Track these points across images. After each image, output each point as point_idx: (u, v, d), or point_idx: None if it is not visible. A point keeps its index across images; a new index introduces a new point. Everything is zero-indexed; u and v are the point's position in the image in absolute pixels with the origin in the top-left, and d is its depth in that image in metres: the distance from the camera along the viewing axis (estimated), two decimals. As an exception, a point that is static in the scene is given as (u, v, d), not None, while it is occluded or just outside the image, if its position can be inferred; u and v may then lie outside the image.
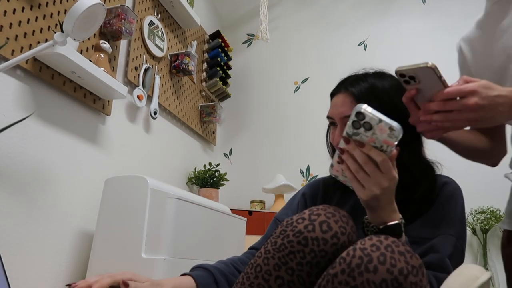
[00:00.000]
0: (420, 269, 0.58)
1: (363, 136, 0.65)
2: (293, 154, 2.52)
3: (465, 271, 0.68)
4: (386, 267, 0.55)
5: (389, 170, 0.64)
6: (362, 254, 0.57)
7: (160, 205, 1.27)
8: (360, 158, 0.65)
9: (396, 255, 0.57)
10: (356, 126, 0.65)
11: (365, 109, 0.63)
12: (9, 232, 1.18)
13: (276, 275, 0.64)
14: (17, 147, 1.23)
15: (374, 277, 0.55)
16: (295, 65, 2.73)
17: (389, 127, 0.62)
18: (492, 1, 0.95)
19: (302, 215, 0.67)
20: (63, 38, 1.09)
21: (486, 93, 0.69)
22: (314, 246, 0.63)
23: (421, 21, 2.51)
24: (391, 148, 0.64)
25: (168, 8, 2.12)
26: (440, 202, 0.79)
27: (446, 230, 0.75)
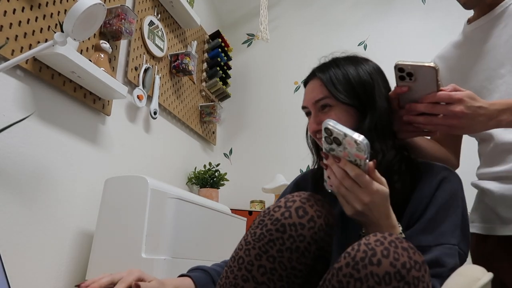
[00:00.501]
0: (423, 265, 0.58)
1: (338, 151, 0.66)
2: (293, 154, 2.52)
3: (466, 272, 0.67)
4: (389, 260, 0.56)
5: (367, 184, 0.64)
6: (366, 248, 0.58)
7: (160, 205, 1.27)
8: (338, 173, 0.66)
9: (399, 250, 0.58)
10: (329, 142, 0.66)
11: (330, 124, 0.64)
12: (9, 232, 1.18)
13: (258, 264, 0.65)
14: (17, 147, 1.23)
15: (377, 270, 0.56)
16: (295, 65, 2.73)
17: (354, 140, 0.62)
18: (473, 26, 1.01)
19: (278, 203, 0.69)
20: (63, 38, 1.09)
21: (471, 103, 0.74)
22: (292, 232, 0.65)
23: (421, 21, 2.51)
24: (364, 162, 0.63)
25: (168, 8, 2.12)
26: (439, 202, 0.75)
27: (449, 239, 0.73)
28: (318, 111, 0.83)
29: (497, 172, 0.94)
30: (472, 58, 1.00)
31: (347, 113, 0.79)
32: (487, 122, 0.76)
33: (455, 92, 0.74)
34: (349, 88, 0.79)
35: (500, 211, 0.92)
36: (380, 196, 0.65)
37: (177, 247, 1.27)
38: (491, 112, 0.75)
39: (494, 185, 0.94)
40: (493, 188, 0.93)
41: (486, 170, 0.98)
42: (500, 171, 0.93)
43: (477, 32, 1.00)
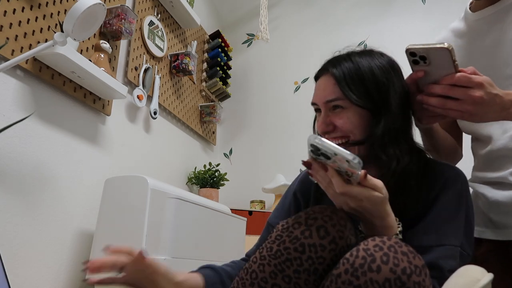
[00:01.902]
0: (423, 269, 0.57)
1: (327, 162, 0.62)
2: (293, 154, 2.52)
3: (466, 273, 0.67)
4: (389, 266, 0.55)
5: (356, 195, 0.62)
6: (365, 254, 0.57)
7: (160, 205, 1.27)
8: (325, 181, 0.64)
9: (399, 255, 0.56)
10: (316, 154, 0.62)
11: (317, 143, 0.59)
12: (9, 232, 1.18)
13: (272, 282, 0.63)
14: (17, 147, 1.23)
15: (377, 277, 0.55)
16: (295, 65, 2.73)
17: (346, 160, 0.58)
18: (477, 16, 0.93)
19: (298, 219, 0.65)
20: (63, 38, 1.09)
21: (489, 90, 0.69)
22: (311, 253, 0.62)
23: (421, 21, 2.51)
24: (356, 175, 0.60)
25: (168, 8, 2.12)
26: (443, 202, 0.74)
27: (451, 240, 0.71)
28: (329, 111, 0.78)
29: (491, 178, 0.91)
30: (474, 53, 0.92)
31: (359, 115, 0.75)
32: (500, 112, 0.71)
33: (475, 76, 0.68)
34: (363, 89, 0.75)
35: (492, 217, 0.90)
36: (370, 202, 0.63)
37: (177, 247, 1.27)
38: (505, 102, 0.71)
39: (488, 190, 0.91)
40: (487, 193, 0.91)
41: (481, 174, 0.95)
42: (494, 177, 0.90)
43: (481, 23, 0.91)
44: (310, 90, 0.80)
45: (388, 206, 0.66)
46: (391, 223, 0.67)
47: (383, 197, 0.63)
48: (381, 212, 0.65)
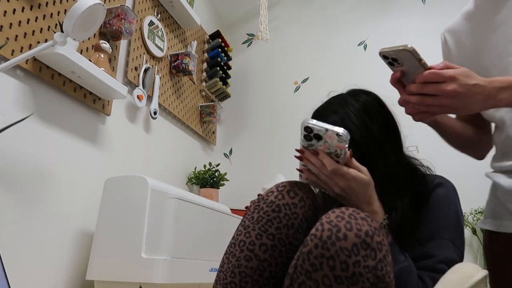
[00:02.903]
0: (381, 230, 0.63)
1: (318, 146, 0.72)
2: (293, 154, 2.52)
3: (459, 269, 0.68)
4: (354, 232, 0.60)
5: (344, 174, 0.72)
6: (330, 226, 0.61)
7: (160, 205, 1.27)
8: (317, 164, 0.73)
9: (359, 221, 0.62)
10: (308, 139, 0.72)
11: (310, 122, 0.69)
12: (9, 232, 1.18)
13: (259, 243, 0.71)
14: (17, 147, 1.23)
15: (345, 244, 0.59)
16: (295, 65, 2.73)
17: (336, 133, 0.68)
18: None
19: (270, 190, 0.77)
20: (63, 38, 1.09)
21: (465, 81, 0.69)
22: (287, 211, 0.72)
23: (421, 21, 2.51)
24: (344, 151, 0.70)
25: (168, 8, 2.12)
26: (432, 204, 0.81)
27: (440, 234, 0.77)
28: None
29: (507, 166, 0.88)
30: (483, 32, 0.91)
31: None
32: (484, 101, 0.71)
33: (446, 70, 0.70)
34: (355, 147, 0.80)
35: (510, 207, 0.86)
36: (356, 183, 0.72)
37: (177, 247, 1.27)
38: (489, 91, 0.71)
39: (504, 179, 0.88)
40: (503, 182, 0.88)
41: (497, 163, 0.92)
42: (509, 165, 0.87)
43: (488, 1, 0.90)
44: (310, 90, 0.81)
45: (374, 192, 0.75)
46: (377, 209, 0.75)
47: (368, 179, 0.73)
48: (366, 196, 0.74)
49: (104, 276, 1.25)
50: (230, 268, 0.71)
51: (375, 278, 0.59)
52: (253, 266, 0.70)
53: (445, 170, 0.92)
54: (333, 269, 0.59)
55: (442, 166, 0.95)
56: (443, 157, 2.37)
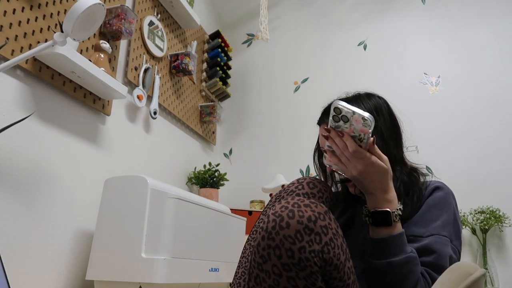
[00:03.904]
0: (326, 214, 0.65)
1: (344, 128, 0.74)
2: (293, 154, 2.52)
3: (458, 267, 0.68)
4: (296, 219, 0.61)
5: (363, 157, 0.73)
6: (274, 216, 0.63)
7: (160, 205, 1.27)
8: (341, 145, 0.76)
9: (302, 208, 0.63)
10: (336, 120, 0.74)
11: (341, 104, 0.72)
12: (9, 232, 1.18)
13: None
14: (17, 147, 1.23)
15: (288, 231, 0.61)
16: (295, 65, 2.73)
17: (361, 117, 0.71)
18: None
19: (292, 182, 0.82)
20: (63, 38, 1.09)
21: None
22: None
23: (421, 21, 2.51)
24: (368, 136, 0.73)
25: (168, 8, 2.12)
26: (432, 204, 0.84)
27: (440, 231, 0.79)
28: None
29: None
30: None
31: None
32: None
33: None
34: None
35: None
36: (374, 168, 0.74)
37: (177, 247, 1.27)
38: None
39: None
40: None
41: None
42: None
43: None
44: (310, 90, 0.82)
45: (390, 182, 0.77)
46: (392, 198, 0.76)
47: (386, 168, 0.75)
48: (383, 184, 0.75)
49: (104, 276, 1.25)
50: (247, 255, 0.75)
51: (322, 261, 0.61)
52: None
53: (445, 170, 0.93)
54: (280, 258, 0.60)
55: (442, 166, 0.96)
56: (442, 158, 2.38)
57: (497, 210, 2.00)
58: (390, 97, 0.97)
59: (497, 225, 2.02)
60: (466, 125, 2.23)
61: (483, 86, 2.26)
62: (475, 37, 2.35)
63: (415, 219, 0.82)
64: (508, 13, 2.33)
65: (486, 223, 1.98)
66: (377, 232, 0.76)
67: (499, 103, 2.21)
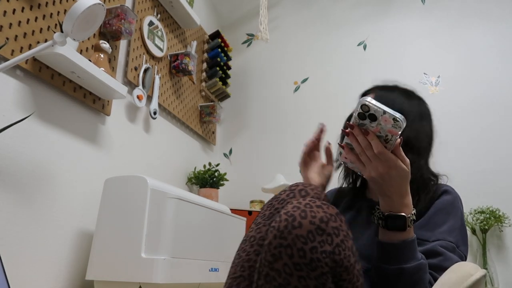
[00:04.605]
0: (338, 216, 0.65)
1: (369, 126, 0.69)
2: (293, 154, 2.52)
3: (459, 268, 0.68)
4: (308, 220, 0.62)
5: (388, 159, 0.69)
6: (287, 216, 0.63)
7: (160, 205, 1.27)
8: (363, 143, 0.71)
9: (314, 209, 0.64)
10: (362, 117, 0.69)
11: (370, 102, 0.66)
12: (9, 232, 1.18)
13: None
14: (17, 147, 1.23)
15: (301, 231, 0.61)
16: (295, 65, 2.73)
17: (393, 118, 0.66)
18: None
19: (284, 189, 0.78)
20: (63, 38, 1.09)
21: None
22: None
23: (421, 21, 2.51)
24: (395, 138, 0.68)
25: (168, 8, 2.12)
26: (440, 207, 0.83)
27: (446, 236, 0.79)
28: None
29: None
30: None
31: None
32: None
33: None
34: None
35: None
36: (397, 172, 0.70)
37: (177, 247, 1.27)
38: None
39: None
40: None
41: None
42: None
43: None
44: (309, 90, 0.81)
45: (408, 186, 0.73)
46: (408, 202, 0.73)
47: (408, 172, 0.71)
48: (401, 188, 0.72)
49: (104, 276, 1.25)
50: (240, 263, 0.71)
51: (333, 262, 0.61)
52: None
53: (445, 170, 0.93)
54: (292, 257, 0.60)
55: (442, 165, 0.96)
56: (443, 157, 2.37)
57: (497, 210, 2.00)
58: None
59: (497, 225, 2.02)
60: (465, 125, 2.23)
61: (482, 86, 2.26)
62: (475, 37, 2.35)
63: (422, 222, 0.81)
64: (508, 13, 2.33)
65: (486, 223, 1.98)
66: (389, 236, 0.73)
67: (498, 103, 2.21)
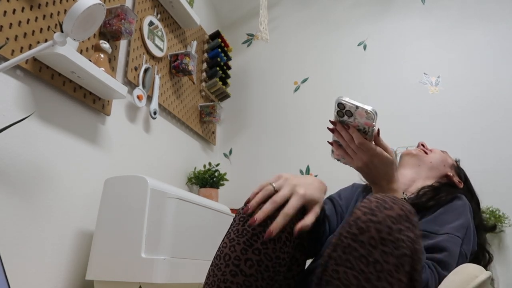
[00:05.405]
0: (416, 215, 0.69)
1: (348, 122, 0.76)
2: (293, 154, 2.52)
3: (463, 270, 0.68)
4: (399, 206, 0.65)
5: (369, 149, 0.76)
6: (377, 199, 0.66)
7: (160, 205, 1.27)
8: (346, 138, 0.78)
9: (400, 201, 0.67)
10: (340, 115, 0.76)
11: (344, 100, 0.73)
12: (9, 232, 1.18)
13: (245, 258, 0.69)
14: (17, 147, 1.23)
15: (391, 212, 0.64)
16: (294, 65, 2.73)
17: (365, 111, 0.72)
18: None
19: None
20: (63, 38, 1.09)
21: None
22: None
23: (421, 21, 2.51)
24: (372, 129, 0.74)
25: (168, 8, 2.12)
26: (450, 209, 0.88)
27: (453, 231, 0.82)
28: None
29: None
30: None
31: None
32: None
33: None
34: None
35: None
36: (379, 159, 0.76)
37: (177, 247, 1.27)
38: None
39: None
40: None
41: None
42: None
43: None
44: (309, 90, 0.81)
45: (395, 172, 0.79)
46: (397, 187, 0.80)
47: (391, 159, 0.77)
48: (387, 175, 0.78)
49: (104, 276, 1.25)
50: (216, 282, 0.70)
51: (413, 249, 0.64)
52: (239, 282, 0.68)
53: (445, 170, 0.94)
54: (380, 232, 0.62)
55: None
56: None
57: (497, 210, 2.00)
58: (390, 97, 0.98)
59: (497, 225, 2.02)
60: (465, 125, 2.23)
61: (483, 86, 2.26)
62: (475, 37, 2.35)
63: (432, 218, 0.86)
64: (508, 14, 2.33)
65: (486, 223, 1.98)
66: None
67: (499, 103, 2.21)
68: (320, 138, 2.46)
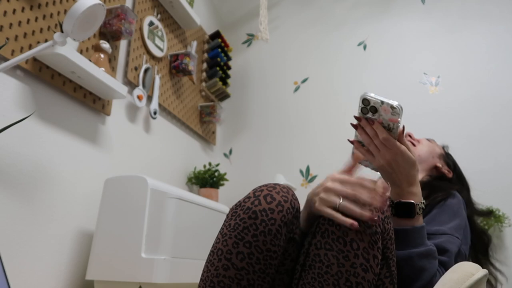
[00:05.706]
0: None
1: (373, 119, 0.74)
2: (293, 154, 2.52)
3: (460, 268, 0.69)
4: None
5: (393, 146, 0.74)
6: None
7: (160, 205, 1.27)
8: (370, 133, 0.76)
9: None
10: (365, 112, 0.74)
11: (369, 95, 0.71)
12: (9, 232, 1.18)
13: (236, 251, 0.70)
14: (17, 147, 1.23)
15: None
16: (295, 65, 2.73)
17: (390, 106, 0.70)
18: None
19: (248, 195, 0.75)
20: (63, 38, 1.09)
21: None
22: (263, 217, 0.70)
23: (421, 21, 2.51)
24: (397, 125, 0.73)
25: (168, 8, 2.12)
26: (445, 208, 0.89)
27: (453, 232, 0.84)
28: None
29: None
30: None
31: None
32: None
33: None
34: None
35: None
36: (403, 158, 0.75)
37: (177, 247, 1.27)
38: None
39: None
40: None
41: None
42: None
43: None
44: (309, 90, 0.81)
45: (417, 174, 0.78)
46: (417, 191, 0.78)
47: (414, 160, 0.76)
48: (409, 176, 0.77)
49: (104, 276, 1.25)
50: (209, 278, 0.71)
51: (383, 228, 0.68)
52: (231, 275, 0.69)
53: (445, 170, 0.95)
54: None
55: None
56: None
57: (497, 210, 2.00)
58: (390, 97, 0.98)
59: (497, 225, 2.02)
60: (465, 125, 2.23)
61: (482, 86, 2.26)
62: (475, 37, 2.35)
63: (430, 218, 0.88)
64: (508, 14, 2.33)
65: (486, 223, 1.98)
66: (399, 223, 0.78)
67: (499, 103, 2.21)
68: (320, 138, 2.46)
